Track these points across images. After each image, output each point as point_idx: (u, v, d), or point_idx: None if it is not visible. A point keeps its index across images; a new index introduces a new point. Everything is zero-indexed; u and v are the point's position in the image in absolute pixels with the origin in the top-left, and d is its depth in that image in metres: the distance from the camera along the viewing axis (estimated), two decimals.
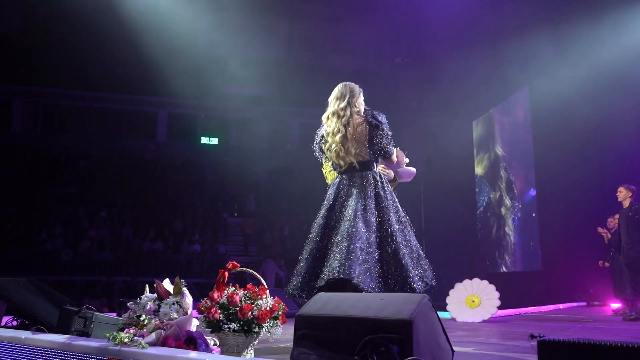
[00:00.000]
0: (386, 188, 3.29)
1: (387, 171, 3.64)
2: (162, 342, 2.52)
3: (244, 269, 2.83)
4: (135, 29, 13.43)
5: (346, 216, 3.14)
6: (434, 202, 13.97)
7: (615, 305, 8.05)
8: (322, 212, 3.31)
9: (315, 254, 3.22)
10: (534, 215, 11.99)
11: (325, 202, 3.33)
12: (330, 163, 3.41)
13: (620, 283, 7.56)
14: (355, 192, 3.20)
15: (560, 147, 10.77)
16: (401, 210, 3.30)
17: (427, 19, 12.56)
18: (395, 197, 3.34)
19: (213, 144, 20.64)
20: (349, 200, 3.19)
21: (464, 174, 14.45)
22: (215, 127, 20.63)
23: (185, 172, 18.80)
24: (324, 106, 3.53)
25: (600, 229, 8.12)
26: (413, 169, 3.86)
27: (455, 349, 2.38)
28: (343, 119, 3.28)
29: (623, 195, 6.51)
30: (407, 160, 3.95)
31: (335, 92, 3.43)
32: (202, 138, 20.65)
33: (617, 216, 7.43)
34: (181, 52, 14.41)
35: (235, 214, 18.10)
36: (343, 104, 3.33)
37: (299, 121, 21.07)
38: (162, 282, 2.83)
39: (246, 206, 18.43)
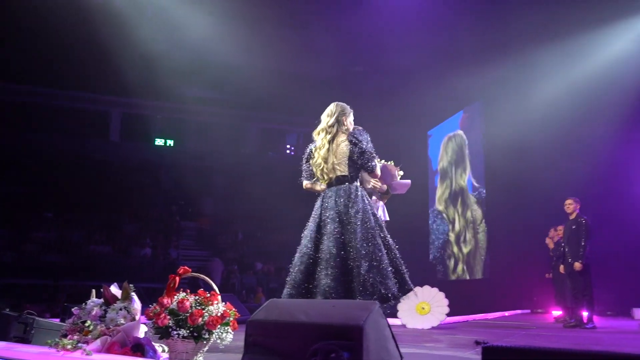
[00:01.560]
0: (359, 202, 3.43)
1: (379, 185, 3.82)
2: (108, 349, 2.45)
3: (196, 274, 2.79)
4: (90, 24, 13.01)
5: (329, 232, 3.37)
6: (388, 210, 14.15)
7: (557, 312, 8.38)
8: (310, 225, 3.52)
9: (307, 265, 3.38)
10: (482, 224, 12.36)
11: (312, 216, 3.56)
12: (314, 178, 3.64)
13: (561, 292, 7.88)
14: (332, 204, 3.44)
15: (509, 159, 11.17)
16: (372, 223, 3.39)
17: (386, 30, 12.78)
18: (369, 209, 3.46)
19: (168, 146, 20.23)
20: (329, 214, 3.43)
21: (418, 183, 14.72)
22: (171, 129, 20.24)
23: (138, 174, 18.31)
24: (283, 111, 3.71)
25: (548, 239, 8.41)
26: (408, 181, 4.01)
27: (403, 354, 2.42)
28: (329, 136, 3.57)
29: (572, 207, 6.77)
30: (401, 173, 4.11)
31: (327, 110, 3.68)
32: (157, 139, 20.20)
33: (559, 227, 7.76)
34: (137, 51, 14.07)
35: (189, 218, 17.79)
36: (331, 121, 3.60)
37: (257, 126, 20.97)
38: (110, 286, 2.75)
39: (201, 210, 18.15)
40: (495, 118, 11.88)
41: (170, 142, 20.33)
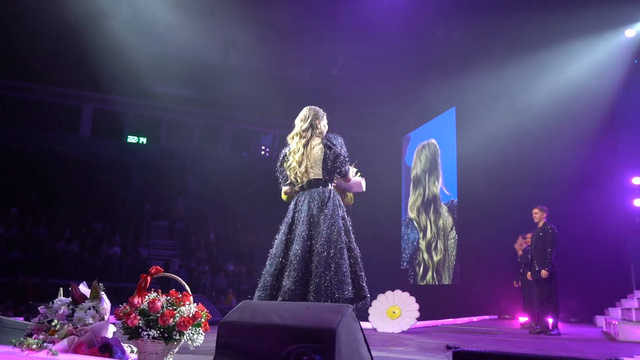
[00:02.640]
0: (330, 205, 3.45)
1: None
2: (75, 349, 2.40)
3: (168, 274, 2.75)
4: (62, 16, 12.73)
5: (298, 234, 3.39)
6: (361, 215, 14.22)
7: (523, 318, 8.55)
8: (283, 228, 3.53)
9: (277, 269, 3.39)
10: (453, 232, 12.54)
11: (285, 219, 3.56)
12: (288, 181, 3.65)
13: (528, 298, 8.05)
14: (305, 208, 3.45)
15: (481, 168, 11.37)
16: (338, 226, 3.40)
17: (364, 35, 12.87)
18: (339, 213, 3.48)
19: (141, 143, 19.90)
20: (301, 217, 3.45)
21: (391, 188, 14.88)
22: (144, 126, 19.92)
23: (109, 170, 17.95)
24: (258, 112, 3.68)
25: (517, 245, 8.57)
26: (358, 179, 4.02)
27: (374, 358, 2.43)
28: (303, 140, 3.60)
29: (539, 216, 6.94)
30: (354, 169, 4.13)
31: (300, 114, 3.70)
32: (129, 136, 19.85)
33: (528, 235, 7.94)
34: (112, 45, 13.82)
35: (161, 217, 17.52)
36: (305, 126, 3.62)
37: (232, 126, 20.82)
38: (78, 285, 2.69)
39: (172, 209, 17.89)
40: (469, 126, 12.09)
41: (143, 140, 20.00)
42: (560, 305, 7.02)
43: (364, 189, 4.09)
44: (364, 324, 5.88)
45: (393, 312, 6.48)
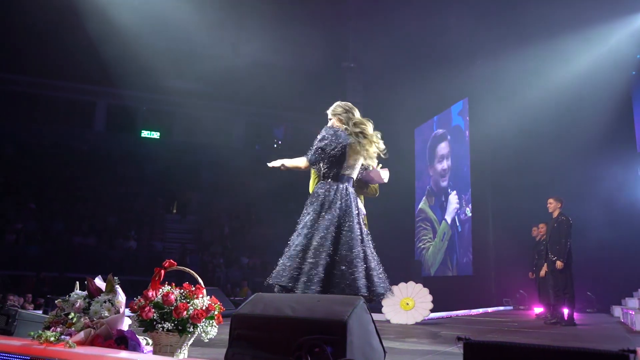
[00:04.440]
0: (355, 202, 3.47)
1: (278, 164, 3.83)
2: (91, 342, 2.44)
3: (181, 267, 2.78)
4: (76, 12, 12.83)
5: (324, 227, 3.30)
6: (375, 207, 14.21)
7: (538, 309, 8.50)
8: (311, 214, 3.39)
9: (304, 252, 3.30)
10: (467, 225, 12.48)
11: (313, 206, 3.43)
12: (323, 172, 3.54)
13: (544, 289, 7.99)
14: (337, 200, 3.40)
15: (494, 158, 11.28)
16: (361, 225, 3.43)
17: (375, 27, 12.79)
18: (360, 211, 3.50)
19: (154, 138, 20.06)
20: (331, 209, 3.37)
21: (405, 181, 14.82)
22: (158, 121, 20.07)
23: (123, 165, 18.14)
24: (271, 105, 3.65)
25: (535, 231, 8.47)
26: (379, 170, 4.02)
27: (386, 349, 2.44)
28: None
29: (553, 206, 6.86)
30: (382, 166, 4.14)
31: (355, 107, 3.75)
32: (142, 131, 20.02)
33: (541, 225, 7.87)
34: (124, 41, 13.91)
35: (174, 211, 17.68)
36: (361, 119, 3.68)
37: (244, 119, 20.88)
38: (94, 279, 2.73)
39: (186, 203, 18.03)
40: (482, 116, 11.98)
41: (156, 134, 20.16)
42: (577, 295, 6.96)
43: (385, 180, 4.10)
44: (377, 316, 5.90)
45: (407, 304, 6.47)
